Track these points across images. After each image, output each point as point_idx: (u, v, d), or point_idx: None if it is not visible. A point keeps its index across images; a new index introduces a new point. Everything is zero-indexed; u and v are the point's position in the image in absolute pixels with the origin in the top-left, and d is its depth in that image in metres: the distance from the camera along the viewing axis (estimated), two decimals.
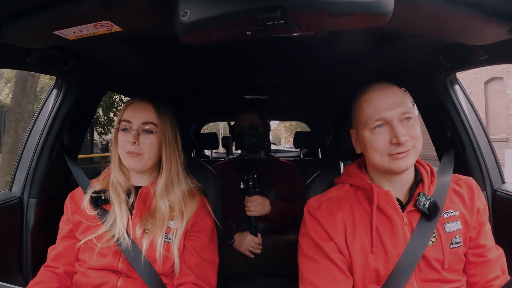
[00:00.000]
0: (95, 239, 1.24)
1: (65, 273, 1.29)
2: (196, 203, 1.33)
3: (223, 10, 0.70)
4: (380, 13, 0.68)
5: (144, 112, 1.30)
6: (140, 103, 1.32)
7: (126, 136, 1.28)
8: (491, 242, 1.13)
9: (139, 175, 1.36)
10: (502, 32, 0.94)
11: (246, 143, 2.01)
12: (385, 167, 1.07)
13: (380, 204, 1.09)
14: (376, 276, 1.06)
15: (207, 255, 1.31)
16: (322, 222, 1.12)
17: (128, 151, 1.27)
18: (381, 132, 1.07)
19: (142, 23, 0.93)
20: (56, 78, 1.60)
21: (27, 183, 1.56)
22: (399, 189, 1.14)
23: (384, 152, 1.06)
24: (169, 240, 1.25)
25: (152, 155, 1.30)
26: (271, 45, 1.52)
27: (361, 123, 1.11)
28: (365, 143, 1.10)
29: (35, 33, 0.98)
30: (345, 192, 1.18)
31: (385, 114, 1.06)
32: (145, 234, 1.24)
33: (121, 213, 1.26)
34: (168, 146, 1.32)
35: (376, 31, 1.05)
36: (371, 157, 1.09)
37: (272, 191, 2.21)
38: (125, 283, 1.23)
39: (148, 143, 1.28)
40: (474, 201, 1.13)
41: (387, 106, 1.07)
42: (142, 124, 1.29)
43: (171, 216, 1.27)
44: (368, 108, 1.09)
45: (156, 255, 1.22)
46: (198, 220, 1.32)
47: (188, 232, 1.30)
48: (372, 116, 1.08)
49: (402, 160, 1.04)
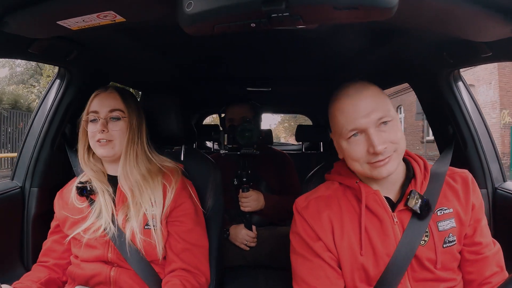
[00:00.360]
0: (82, 232, 1.25)
1: (55, 265, 1.32)
2: (173, 186, 1.31)
3: (228, 2, 0.70)
4: (384, 6, 0.68)
5: (110, 100, 1.31)
6: (105, 92, 1.34)
7: (95, 126, 1.29)
8: (488, 238, 1.09)
9: (113, 164, 1.35)
10: (507, 29, 0.94)
11: (239, 138, 1.94)
12: (367, 175, 1.04)
13: (369, 204, 1.07)
14: (366, 277, 1.05)
15: (194, 239, 1.31)
16: (309, 222, 1.10)
17: (99, 139, 1.27)
18: (357, 141, 1.02)
19: (145, 14, 0.93)
20: (58, 68, 1.60)
21: (29, 173, 1.57)
22: (389, 187, 1.10)
23: (363, 161, 1.02)
24: (149, 227, 1.25)
25: (123, 141, 1.30)
26: (274, 38, 1.51)
27: (337, 133, 1.07)
28: (344, 151, 1.07)
29: (38, 23, 0.97)
30: (334, 190, 1.15)
31: (359, 122, 1.00)
32: (127, 222, 1.25)
33: (105, 202, 1.27)
34: (131, 131, 1.32)
35: (380, 25, 1.05)
36: (351, 165, 1.07)
37: (263, 183, 2.19)
38: (117, 274, 1.25)
39: (117, 130, 1.29)
40: (469, 196, 1.08)
41: (360, 114, 1.00)
42: (109, 112, 1.30)
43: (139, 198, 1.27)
44: (341, 118, 1.04)
45: (136, 242, 1.22)
46: (179, 203, 1.31)
47: (170, 217, 1.30)
48: (345, 126, 1.02)
49: (383, 168, 1.00)
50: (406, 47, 1.39)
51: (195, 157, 1.60)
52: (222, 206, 1.54)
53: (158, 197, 1.28)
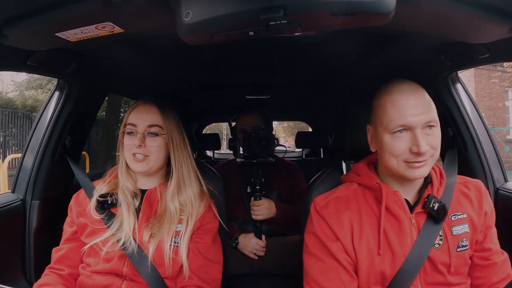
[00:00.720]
0: (100, 243, 1.23)
1: (69, 275, 1.29)
2: (204, 206, 1.32)
3: (226, 11, 0.70)
4: (382, 12, 0.68)
5: (149, 115, 1.30)
6: (145, 105, 1.32)
7: (132, 140, 1.28)
8: (497, 246, 1.12)
9: (145, 178, 1.35)
10: (503, 30, 0.94)
11: (255, 147, 1.97)
12: (400, 173, 1.04)
13: (389, 204, 1.08)
14: (381, 278, 1.05)
15: (211, 255, 1.31)
16: (328, 221, 1.10)
17: (134, 153, 1.26)
18: (401, 138, 1.02)
19: (143, 24, 0.93)
20: (57, 80, 1.61)
21: (30, 185, 1.57)
22: (409, 190, 1.12)
23: (402, 158, 1.02)
24: (176, 244, 1.24)
25: (158, 158, 1.30)
26: (273, 45, 1.52)
27: (382, 125, 1.06)
28: (383, 145, 1.06)
29: (37, 35, 0.97)
30: (353, 191, 1.16)
31: (409, 120, 1.01)
32: (151, 238, 1.23)
33: (128, 217, 1.25)
34: (176, 147, 1.32)
35: (377, 30, 1.05)
36: (387, 160, 1.06)
37: (274, 192, 2.20)
38: (129, 287, 1.23)
39: (154, 146, 1.28)
40: (482, 204, 1.11)
41: (412, 112, 1.01)
42: (147, 127, 1.29)
43: (179, 219, 1.26)
44: (393, 111, 1.04)
45: (165, 259, 1.21)
46: (205, 222, 1.31)
47: (194, 235, 1.29)
48: (395, 121, 1.02)
49: (418, 170, 1.01)
50: (403, 51, 1.39)
51: (198, 167, 1.59)
52: (224, 215, 1.54)
53: (195, 215, 1.28)
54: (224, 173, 1.62)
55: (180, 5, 0.75)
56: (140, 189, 1.34)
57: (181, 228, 1.26)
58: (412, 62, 1.51)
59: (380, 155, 1.11)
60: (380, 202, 1.08)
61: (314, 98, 2.81)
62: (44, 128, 1.59)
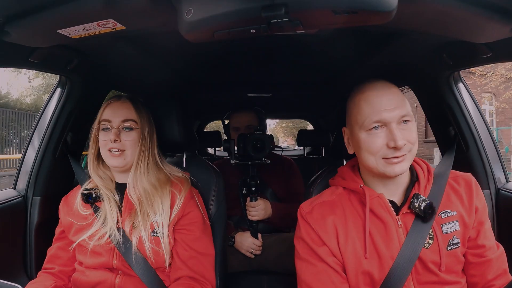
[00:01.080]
0: (87, 239, 1.25)
1: (60, 272, 1.32)
2: (182, 195, 1.32)
3: (227, 8, 0.70)
4: (384, 10, 0.68)
5: (123, 110, 1.32)
6: (119, 102, 1.34)
7: (107, 135, 1.29)
8: (491, 241, 1.10)
9: (122, 173, 1.36)
10: (505, 29, 0.94)
11: (251, 150, 1.95)
12: (379, 171, 1.04)
13: (373, 207, 1.07)
14: (370, 280, 1.05)
15: (200, 247, 1.31)
16: (314, 227, 1.10)
17: (110, 148, 1.28)
18: (378, 134, 1.03)
19: (145, 22, 0.93)
20: (59, 77, 1.61)
21: (31, 181, 1.57)
22: (394, 190, 1.11)
23: (380, 155, 1.03)
24: (156, 234, 1.25)
25: (134, 151, 1.31)
26: (274, 43, 1.52)
27: (357, 124, 1.07)
28: (360, 144, 1.06)
29: (39, 32, 0.98)
30: (338, 195, 1.16)
31: (384, 115, 1.02)
32: (133, 229, 1.26)
33: (111, 209, 1.27)
34: (143, 142, 1.33)
35: (379, 29, 1.05)
36: (365, 159, 1.06)
37: (269, 190, 2.20)
38: (122, 281, 1.25)
39: (129, 140, 1.30)
40: (473, 200, 1.09)
41: (386, 108, 1.02)
42: (122, 122, 1.30)
43: (146, 207, 1.27)
44: (367, 108, 1.04)
45: (145, 250, 1.22)
46: (186, 212, 1.32)
47: (177, 226, 1.30)
48: (370, 117, 1.03)
49: (397, 165, 1.01)
50: (405, 50, 1.39)
51: (197, 164, 1.60)
52: (224, 212, 1.54)
53: (166, 205, 1.29)
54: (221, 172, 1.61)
55: (182, 3, 0.75)
56: (120, 183, 1.36)
57: (157, 218, 1.27)
58: (414, 61, 1.51)
59: (358, 156, 1.11)
60: (365, 205, 1.08)
61: (316, 97, 2.80)
62: (45, 125, 1.60)
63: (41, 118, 1.63)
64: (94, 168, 1.35)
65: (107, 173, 1.37)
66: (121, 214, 1.29)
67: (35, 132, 1.62)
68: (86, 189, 1.34)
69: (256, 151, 1.95)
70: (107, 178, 1.36)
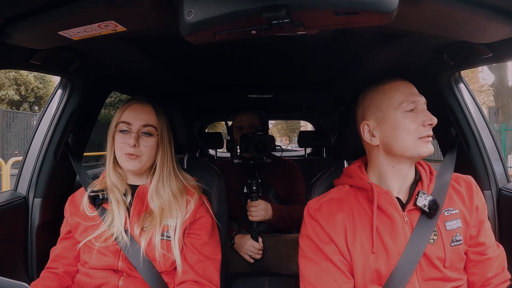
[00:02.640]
0: (94, 239, 1.25)
1: (65, 273, 1.32)
2: (194, 201, 1.32)
3: (228, 9, 0.70)
4: (385, 11, 0.68)
5: (144, 114, 1.30)
6: (140, 104, 1.32)
7: (125, 138, 1.28)
8: (491, 240, 1.13)
9: (135, 176, 1.36)
10: (506, 30, 0.94)
11: (252, 150, 1.99)
12: (415, 152, 1.08)
13: (381, 204, 1.09)
14: (377, 276, 1.06)
15: (208, 252, 1.31)
16: (322, 224, 1.12)
17: (128, 153, 1.27)
18: (412, 116, 1.09)
19: (146, 23, 0.93)
20: (60, 78, 1.61)
21: (32, 183, 1.57)
22: (400, 187, 1.14)
23: (417, 134, 1.07)
24: (168, 238, 1.25)
25: (150, 157, 1.31)
26: (275, 44, 1.52)
27: (392, 107, 1.11)
28: (398, 125, 1.10)
29: (40, 34, 0.98)
30: (345, 193, 1.18)
31: (417, 98, 1.11)
32: (143, 232, 1.25)
33: (119, 212, 1.26)
34: (163, 148, 1.32)
35: (380, 29, 1.05)
36: (403, 141, 1.09)
37: (272, 190, 2.20)
38: (126, 283, 1.24)
39: (147, 146, 1.29)
40: (473, 199, 1.13)
41: (415, 93, 1.12)
42: (142, 127, 1.29)
43: (166, 215, 1.27)
44: (400, 93, 1.11)
45: (155, 254, 1.22)
46: (197, 217, 1.32)
47: (188, 230, 1.30)
48: (407, 98, 1.10)
49: (429, 144, 1.08)
50: (406, 51, 1.39)
51: (199, 165, 1.60)
52: (226, 213, 1.55)
53: (182, 212, 1.29)
54: (222, 173, 1.62)
55: (183, 4, 0.75)
56: (132, 184, 1.36)
57: (170, 222, 1.26)
58: (415, 62, 1.51)
59: (390, 142, 1.12)
60: (372, 202, 1.10)
61: (317, 98, 2.80)
62: (47, 126, 1.60)
63: (42, 120, 1.63)
64: (111, 170, 1.34)
65: (121, 174, 1.36)
66: (130, 216, 1.29)
67: (36, 134, 1.62)
68: (93, 191, 1.33)
69: (258, 151, 1.98)
70: (122, 180, 1.35)
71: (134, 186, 1.35)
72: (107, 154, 1.35)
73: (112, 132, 1.32)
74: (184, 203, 1.31)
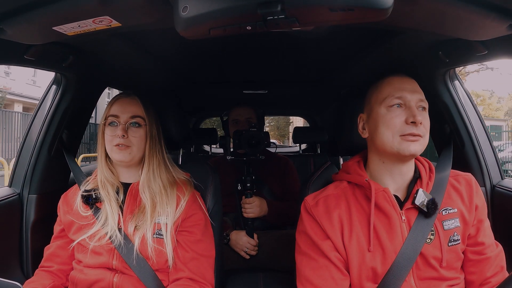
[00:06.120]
0: (88, 239, 1.25)
1: (59, 271, 1.31)
2: (186, 198, 1.32)
3: (223, 5, 0.70)
4: (380, 7, 0.68)
5: (131, 107, 1.31)
6: (127, 98, 1.34)
7: (115, 131, 1.29)
8: (491, 239, 1.12)
9: (126, 171, 1.36)
10: (502, 27, 0.94)
11: (245, 146, 1.97)
12: (394, 149, 1.05)
13: (378, 201, 1.08)
14: (373, 274, 1.05)
15: (202, 249, 1.31)
16: (319, 220, 1.11)
17: (117, 144, 1.27)
18: (397, 111, 1.07)
19: (141, 19, 0.93)
20: (55, 74, 1.60)
21: (27, 179, 1.56)
22: (399, 184, 1.13)
23: (397, 131, 1.05)
24: (160, 236, 1.25)
25: (140, 148, 1.31)
26: (271, 40, 1.52)
27: (378, 101, 1.11)
28: (379, 119, 1.09)
29: (34, 29, 0.97)
30: (343, 189, 1.17)
31: (405, 94, 1.08)
32: (136, 230, 1.25)
33: (112, 210, 1.27)
34: (151, 139, 1.33)
35: (375, 26, 1.05)
36: (382, 136, 1.08)
37: (266, 187, 2.20)
38: (120, 280, 1.24)
39: (136, 136, 1.30)
40: (473, 198, 1.11)
41: (407, 89, 1.09)
42: (130, 118, 1.30)
43: (157, 209, 1.27)
44: (389, 87, 1.10)
45: (148, 251, 1.22)
46: (189, 214, 1.31)
47: (180, 227, 1.29)
48: (392, 93, 1.09)
49: (412, 143, 1.04)
50: (401, 47, 1.39)
51: (193, 161, 1.59)
52: (220, 209, 1.54)
53: (172, 207, 1.28)
54: (217, 169, 1.62)
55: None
56: (124, 183, 1.36)
57: (162, 220, 1.27)
58: (410, 59, 1.51)
59: (373, 136, 1.12)
60: (370, 200, 1.09)
61: (312, 94, 2.81)
62: (41, 122, 1.58)
63: (36, 116, 1.62)
64: (103, 166, 1.34)
65: (113, 171, 1.36)
66: (123, 214, 1.29)
67: (30, 130, 1.61)
68: (86, 190, 1.33)
69: (251, 148, 1.96)
70: (113, 177, 1.35)
71: (126, 185, 1.34)
72: (98, 150, 1.35)
73: (102, 127, 1.33)
74: (174, 197, 1.31)
